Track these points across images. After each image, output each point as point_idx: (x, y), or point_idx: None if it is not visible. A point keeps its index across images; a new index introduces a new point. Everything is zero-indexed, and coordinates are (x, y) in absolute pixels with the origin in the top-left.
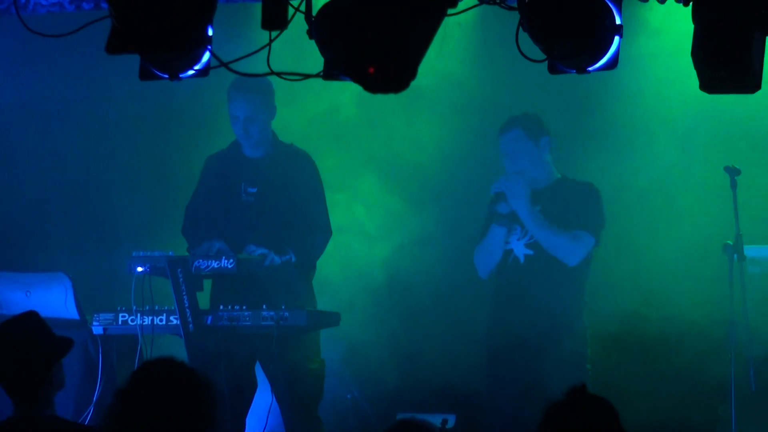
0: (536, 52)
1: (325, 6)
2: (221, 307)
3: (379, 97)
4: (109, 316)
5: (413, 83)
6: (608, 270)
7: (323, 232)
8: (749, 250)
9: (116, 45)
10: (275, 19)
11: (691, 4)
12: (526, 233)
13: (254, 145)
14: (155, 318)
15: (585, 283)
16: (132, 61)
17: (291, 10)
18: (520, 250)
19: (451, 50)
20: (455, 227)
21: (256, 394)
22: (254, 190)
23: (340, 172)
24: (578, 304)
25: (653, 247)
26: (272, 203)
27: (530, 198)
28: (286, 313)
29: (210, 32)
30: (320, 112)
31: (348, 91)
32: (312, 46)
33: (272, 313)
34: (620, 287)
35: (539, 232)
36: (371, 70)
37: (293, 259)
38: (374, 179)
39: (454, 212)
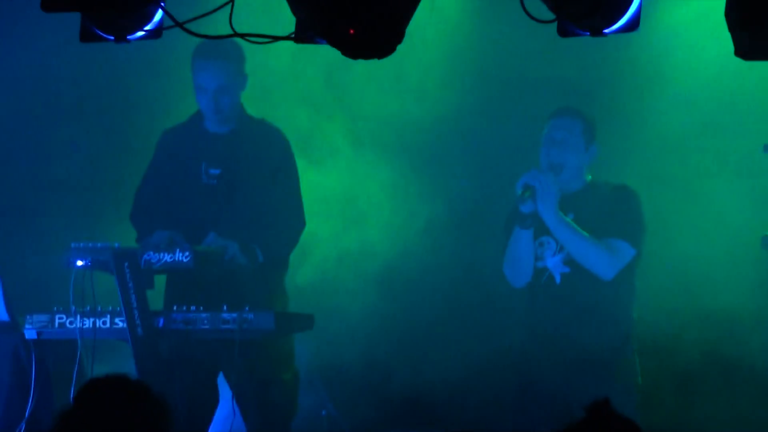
0: (544, 11)
1: None
2: (175, 308)
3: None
4: (44, 317)
5: (399, 47)
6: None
7: (295, 223)
8: None
9: (53, 1)
10: None
11: None
12: (562, 248)
13: (222, 120)
14: (98, 320)
15: (632, 301)
16: (72, 21)
17: None
18: (556, 267)
19: (445, 7)
20: (445, 220)
21: (217, 409)
22: (217, 171)
23: (317, 145)
24: (626, 327)
25: (684, 240)
26: (238, 187)
27: (559, 202)
28: (250, 315)
29: None
30: (294, 79)
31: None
32: (282, 5)
33: (234, 315)
34: (651, 284)
35: (568, 239)
36: (351, 31)
37: (260, 258)
38: (351, 154)
39: (442, 204)
